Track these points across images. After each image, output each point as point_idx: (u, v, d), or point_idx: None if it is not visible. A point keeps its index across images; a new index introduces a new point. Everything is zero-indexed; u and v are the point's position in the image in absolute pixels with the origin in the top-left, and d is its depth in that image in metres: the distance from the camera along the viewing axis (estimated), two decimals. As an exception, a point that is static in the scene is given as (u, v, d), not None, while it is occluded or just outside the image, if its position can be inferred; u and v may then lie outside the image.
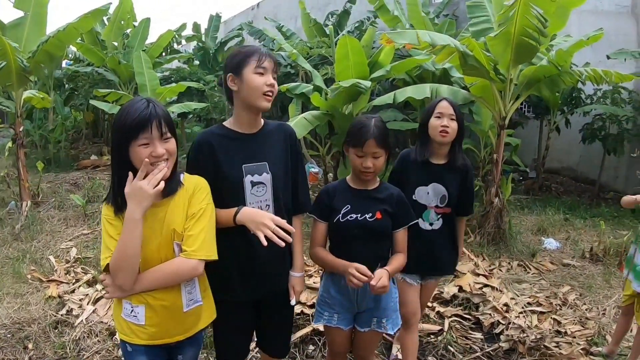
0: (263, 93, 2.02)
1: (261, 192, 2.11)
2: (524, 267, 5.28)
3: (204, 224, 1.85)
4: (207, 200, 1.91)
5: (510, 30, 4.85)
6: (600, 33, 5.18)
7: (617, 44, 7.96)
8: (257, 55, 2.02)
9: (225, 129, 2.13)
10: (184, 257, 1.81)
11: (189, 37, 13.93)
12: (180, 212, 1.84)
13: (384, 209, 2.35)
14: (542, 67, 5.39)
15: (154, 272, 1.80)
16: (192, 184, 1.91)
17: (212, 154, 2.05)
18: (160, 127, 1.74)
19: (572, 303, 4.35)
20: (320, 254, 2.37)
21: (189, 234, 1.82)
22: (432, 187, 2.76)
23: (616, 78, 5.10)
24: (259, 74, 2.01)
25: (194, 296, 1.92)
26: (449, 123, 2.67)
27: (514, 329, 3.77)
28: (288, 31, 11.47)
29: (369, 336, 2.47)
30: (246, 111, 2.09)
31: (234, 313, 2.20)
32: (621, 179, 8.68)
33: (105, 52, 10.43)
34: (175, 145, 1.81)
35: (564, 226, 6.82)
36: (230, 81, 2.05)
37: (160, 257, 1.82)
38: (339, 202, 2.35)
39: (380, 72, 6.49)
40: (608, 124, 7.90)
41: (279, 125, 2.26)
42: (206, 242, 1.84)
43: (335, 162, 7.51)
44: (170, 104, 9.94)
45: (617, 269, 5.15)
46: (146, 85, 9.24)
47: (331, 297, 2.41)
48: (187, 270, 1.81)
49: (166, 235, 1.82)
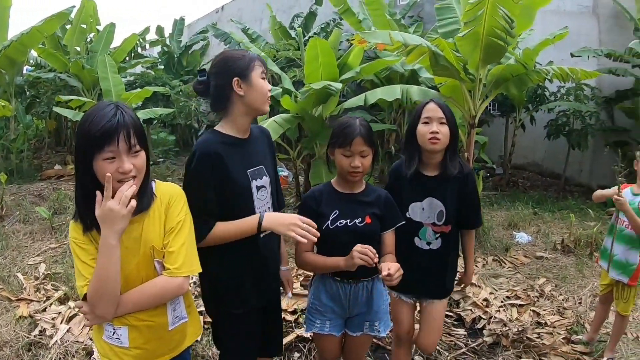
0: (268, 97, 2.07)
1: (264, 195, 2.12)
2: (499, 262, 5.39)
3: (185, 238, 1.73)
4: (185, 211, 1.78)
5: (479, 30, 4.94)
6: (566, 32, 5.34)
7: (579, 42, 8.25)
8: (260, 61, 2.04)
9: (223, 135, 2.06)
10: (167, 275, 1.68)
11: (153, 42, 13.71)
12: (157, 227, 1.70)
13: (372, 212, 2.29)
14: (510, 66, 5.52)
15: (137, 294, 1.66)
16: (166, 194, 1.76)
17: (221, 163, 1.98)
18: (128, 139, 1.54)
19: (548, 294, 4.48)
20: (310, 258, 2.28)
21: (170, 250, 1.69)
22: (427, 203, 2.49)
23: (582, 75, 5.26)
24: (264, 79, 2.04)
25: (179, 313, 1.81)
26: (439, 128, 2.36)
27: (495, 323, 3.86)
28: (254, 34, 11.42)
29: (361, 340, 2.45)
30: (246, 116, 2.07)
31: (248, 321, 2.18)
32: (585, 172, 8.99)
33: (67, 57, 10.14)
34: (145, 160, 1.63)
35: (533, 220, 7.00)
36: (237, 86, 1.99)
37: (141, 277, 1.69)
38: (327, 207, 2.27)
39: (350, 74, 6.49)
40: (572, 120, 8.19)
41: (260, 129, 2.29)
42: (189, 257, 1.72)
43: (306, 166, 7.50)
44: (136, 109, 9.75)
45: (590, 260, 5.32)
46: (111, 91, 9.03)
47: (322, 304, 2.35)
48: (172, 290, 1.69)
49: (145, 253, 1.68)
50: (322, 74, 6.28)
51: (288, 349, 3.45)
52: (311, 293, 2.42)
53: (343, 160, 2.23)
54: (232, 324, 2.14)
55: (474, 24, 4.87)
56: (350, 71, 6.57)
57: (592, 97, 8.25)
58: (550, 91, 8.67)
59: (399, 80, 8.06)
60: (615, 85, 8.35)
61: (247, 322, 2.16)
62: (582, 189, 8.86)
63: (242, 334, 2.17)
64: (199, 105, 10.67)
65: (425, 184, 2.49)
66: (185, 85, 11.23)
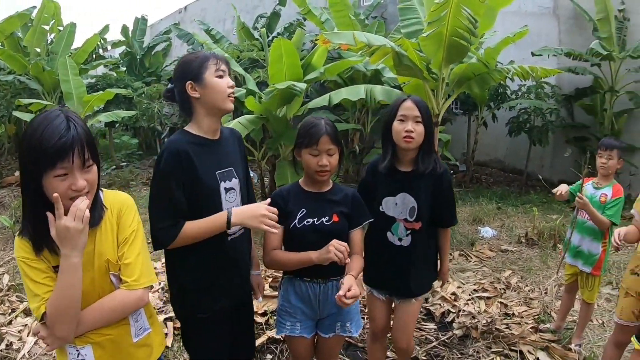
0: (227, 95, 2.00)
1: (232, 197, 2.08)
2: (465, 256, 5.49)
3: (139, 248, 1.66)
4: (137, 220, 1.70)
5: (442, 31, 5.02)
6: (526, 30, 5.48)
7: (539, 43, 8.50)
8: (214, 59, 1.99)
9: (193, 135, 2.02)
10: (125, 288, 1.61)
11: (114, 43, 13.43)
12: (110, 239, 1.62)
13: (340, 211, 2.28)
14: (472, 65, 5.63)
15: (96, 311, 1.58)
16: (117, 203, 1.68)
17: (190, 162, 1.94)
18: (82, 154, 1.44)
19: (515, 286, 4.59)
20: (279, 256, 2.24)
21: (126, 262, 1.62)
22: (400, 198, 2.49)
23: (542, 73, 5.41)
24: (220, 77, 1.98)
25: (141, 324, 1.74)
26: (414, 127, 2.35)
27: (464, 316, 3.93)
28: (217, 34, 11.32)
29: (333, 341, 2.42)
30: (210, 117, 2.03)
31: (217, 325, 2.14)
32: (547, 167, 9.26)
33: (27, 59, 9.84)
34: (97, 174, 1.53)
35: (497, 215, 7.16)
36: (191, 89, 1.97)
37: (97, 292, 1.61)
38: (294, 206, 2.26)
39: (314, 74, 6.50)
40: (533, 117, 8.42)
41: (230, 130, 2.25)
42: (145, 267, 1.66)
43: (271, 167, 7.47)
44: (98, 112, 9.55)
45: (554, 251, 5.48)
46: (72, 94, 8.83)
47: (292, 305, 2.33)
48: (133, 303, 1.63)
49: (100, 268, 1.60)
50: (286, 74, 6.27)
51: (260, 351, 3.44)
52: (280, 295, 2.40)
53: (310, 159, 2.21)
54: (201, 327, 2.11)
55: (438, 24, 4.95)
56: (314, 71, 6.58)
57: (552, 95, 8.51)
58: (512, 90, 8.91)
59: (362, 80, 8.12)
60: (575, 84, 8.63)
61: (216, 326, 2.13)
62: (544, 184, 9.11)
63: (211, 337, 2.14)
64: (162, 107, 10.50)
65: (399, 179, 2.49)
66: (147, 87, 11.04)
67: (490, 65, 5.56)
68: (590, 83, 8.42)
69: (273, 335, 3.51)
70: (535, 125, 8.43)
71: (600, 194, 3.29)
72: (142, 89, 11.04)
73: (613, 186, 3.29)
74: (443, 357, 3.41)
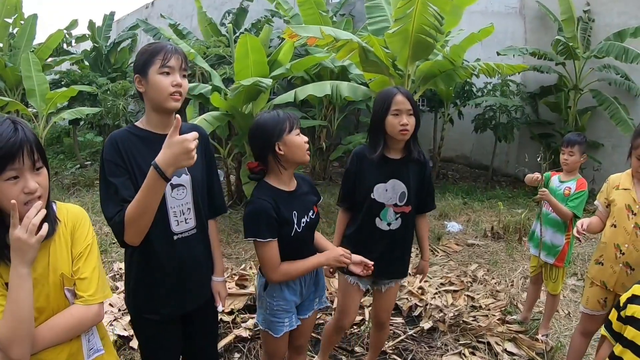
0: (170, 94, 1.88)
1: (181, 194, 1.98)
2: (432, 251, 5.54)
3: (94, 262, 1.61)
4: (92, 233, 1.65)
5: (408, 27, 5.05)
6: (491, 27, 5.55)
7: (505, 42, 8.68)
8: (162, 54, 1.87)
9: (138, 129, 1.96)
10: (82, 304, 1.55)
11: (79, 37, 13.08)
12: (64, 253, 1.56)
13: (314, 200, 2.33)
14: (438, 63, 5.69)
15: (51, 328, 1.50)
16: (70, 216, 1.62)
17: (129, 154, 1.87)
18: (32, 155, 1.41)
19: (481, 279, 4.66)
20: (290, 268, 2.17)
21: (82, 277, 1.56)
22: (391, 184, 2.56)
23: (507, 70, 5.51)
24: (165, 74, 1.87)
25: (93, 344, 1.66)
26: (408, 120, 2.45)
27: (432, 310, 3.95)
28: (184, 30, 11.14)
29: (311, 320, 2.45)
30: (156, 112, 1.95)
31: (165, 332, 2.07)
32: (512, 163, 9.45)
33: (-10, 53, 9.53)
34: (47, 178, 1.49)
35: (463, 209, 7.27)
36: (137, 82, 1.91)
37: (52, 308, 1.54)
38: (286, 211, 2.16)
39: (280, 70, 6.47)
40: (498, 114, 8.59)
41: (192, 127, 2.12)
42: (101, 282, 1.61)
43: (237, 164, 7.39)
44: (61, 109, 9.29)
45: (519, 244, 5.58)
46: (35, 90, 8.58)
47: (287, 302, 2.28)
48: (90, 318, 1.57)
49: (55, 283, 1.54)
50: (252, 70, 6.20)
51: (228, 350, 3.38)
52: (270, 297, 2.29)
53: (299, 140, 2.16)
54: (146, 329, 2.04)
55: (404, 21, 4.98)
56: (281, 68, 6.55)
57: (518, 92, 8.71)
58: (477, 87, 9.06)
59: (329, 77, 8.13)
60: (540, 82, 8.82)
61: (163, 328, 2.06)
62: (509, 179, 9.29)
63: (158, 339, 2.07)
64: (127, 105, 10.27)
65: (390, 166, 2.57)
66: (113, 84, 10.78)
67: (456, 63, 5.62)
68: (555, 81, 8.62)
69: (240, 334, 3.47)
70: (501, 122, 8.61)
71: (565, 187, 3.38)
72: (107, 85, 10.77)
73: (577, 180, 3.38)
74: (411, 351, 3.42)
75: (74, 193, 8.36)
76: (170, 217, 1.94)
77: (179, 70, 1.90)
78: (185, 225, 1.99)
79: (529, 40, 8.98)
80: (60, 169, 10.42)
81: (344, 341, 3.53)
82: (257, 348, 3.33)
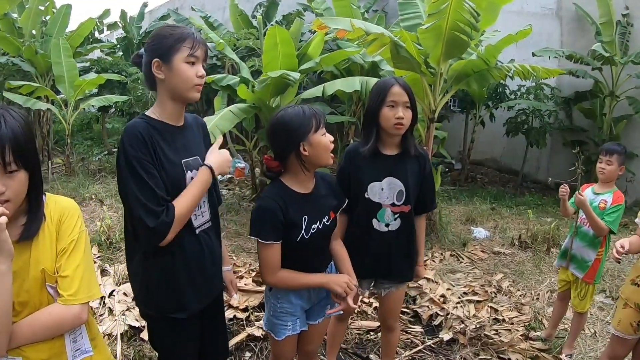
0: (194, 85, 1.80)
1: None
2: (456, 257, 5.37)
3: (79, 259, 1.51)
4: (79, 228, 1.55)
5: (442, 24, 4.87)
6: (529, 29, 5.34)
7: (540, 44, 8.39)
8: (191, 42, 1.77)
9: (153, 120, 1.83)
10: (62, 303, 1.47)
11: (110, 25, 13.20)
12: (48, 248, 1.49)
13: (332, 205, 2.17)
14: (472, 62, 5.49)
15: (30, 325, 1.45)
16: (58, 208, 1.54)
17: (154, 148, 1.75)
18: (1, 157, 1.31)
19: (506, 290, 4.47)
20: (288, 277, 2.08)
21: (64, 274, 1.48)
22: (387, 182, 2.42)
23: (543, 73, 5.29)
24: (190, 64, 1.78)
25: (80, 345, 1.59)
26: (404, 113, 2.31)
27: (453, 320, 3.79)
28: (215, 22, 11.12)
29: (322, 326, 2.34)
30: (173, 102, 1.85)
31: (190, 329, 2.00)
32: (543, 169, 9.17)
33: (22, 40, 9.62)
34: (23, 182, 1.39)
35: (491, 215, 7.06)
36: (156, 68, 1.78)
37: (35, 303, 1.48)
38: (295, 214, 2.03)
39: (309, 64, 6.33)
40: (531, 118, 8.34)
41: (194, 117, 2.07)
42: (85, 281, 1.51)
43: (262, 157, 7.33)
44: (91, 96, 9.37)
45: (547, 255, 5.37)
46: (64, 77, 8.65)
47: (293, 305, 2.19)
48: (69, 320, 1.48)
49: (35, 277, 1.47)
50: (281, 63, 6.10)
51: (239, 349, 3.30)
52: (275, 297, 2.20)
53: (324, 139, 2.02)
54: (170, 327, 1.94)
55: (438, 16, 4.79)
56: (310, 61, 6.41)
57: (552, 96, 8.43)
58: (511, 89, 8.81)
59: (359, 72, 7.98)
60: (575, 87, 8.53)
61: (187, 328, 1.97)
62: (539, 186, 9.02)
63: (183, 338, 1.98)
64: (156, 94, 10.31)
65: (385, 163, 2.43)
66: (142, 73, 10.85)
67: (490, 63, 5.42)
68: (591, 87, 8.33)
69: (253, 332, 3.39)
70: (533, 126, 8.36)
71: (600, 200, 3.16)
72: (137, 74, 10.83)
73: (614, 193, 3.16)
74: (428, 363, 3.29)
75: (99, 179, 8.44)
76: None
77: (202, 61, 1.83)
78: (202, 218, 1.94)
79: (565, 43, 8.68)
80: (88, 155, 10.55)
81: (359, 347, 3.42)
82: (269, 348, 3.23)
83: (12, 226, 1.41)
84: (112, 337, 3.27)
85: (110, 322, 3.45)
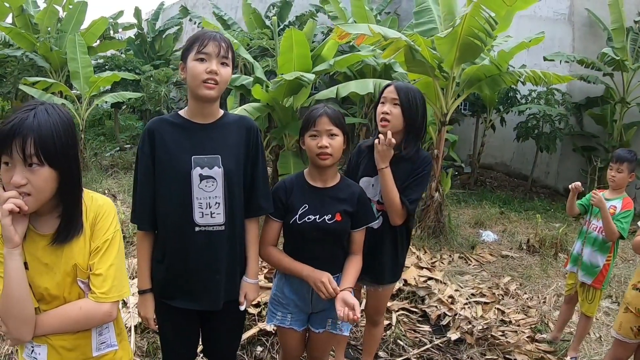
0: (203, 81, 1.83)
1: (211, 187, 1.91)
2: (464, 259, 5.42)
3: (112, 258, 1.53)
4: (114, 228, 1.56)
5: (457, 30, 4.93)
6: (542, 36, 5.40)
7: (552, 48, 8.41)
8: (200, 40, 1.83)
9: (178, 117, 1.96)
10: (93, 300, 1.49)
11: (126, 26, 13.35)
12: (81, 244, 1.50)
13: (344, 209, 2.15)
14: (484, 67, 5.55)
15: (58, 316, 1.48)
16: (94, 206, 1.55)
17: (161, 142, 1.89)
18: (23, 149, 1.31)
19: (513, 293, 4.52)
20: (275, 256, 2.18)
21: (97, 272, 1.50)
22: (377, 179, 2.45)
23: (554, 79, 5.33)
24: (200, 60, 1.83)
25: (106, 339, 1.61)
26: (391, 109, 2.35)
27: (460, 320, 3.85)
28: (229, 20, 11.23)
29: (323, 337, 2.32)
30: (194, 100, 1.93)
31: (180, 321, 2.07)
32: (552, 174, 9.17)
33: (37, 36, 9.76)
34: (46, 178, 1.37)
35: (500, 219, 7.10)
36: (181, 69, 1.93)
37: (64, 296, 1.50)
38: (296, 200, 2.14)
39: (323, 66, 6.41)
40: (541, 123, 8.35)
41: (240, 119, 2.06)
42: (118, 280, 1.53)
43: (275, 156, 7.39)
44: (104, 93, 9.50)
45: (555, 260, 5.41)
46: (79, 73, 8.77)
47: (285, 297, 2.24)
48: (99, 316, 1.51)
49: (67, 271, 1.48)
50: (296, 64, 6.19)
51: (251, 343, 3.36)
52: (275, 284, 2.30)
53: (311, 142, 2.09)
54: (163, 313, 2.05)
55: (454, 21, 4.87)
56: (324, 63, 6.50)
57: (563, 102, 8.44)
58: (522, 94, 8.82)
59: (372, 74, 8.05)
60: (586, 92, 8.54)
61: (177, 318, 2.05)
62: (549, 191, 9.04)
63: (171, 328, 2.08)
64: (169, 92, 10.42)
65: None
66: (156, 71, 10.96)
67: (502, 68, 5.48)
68: (602, 93, 8.34)
69: (265, 327, 3.45)
70: (544, 131, 8.38)
71: (610, 206, 3.21)
72: (151, 72, 10.96)
73: (623, 199, 3.21)
74: (436, 361, 3.35)
75: (111, 174, 8.54)
76: (194, 207, 1.89)
77: (216, 57, 1.83)
78: (211, 219, 1.92)
79: (577, 48, 8.69)
80: (100, 150, 10.66)
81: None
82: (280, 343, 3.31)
83: (44, 221, 1.47)
84: (127, 329, 3.35)
85: (124, 314, 3.52)
